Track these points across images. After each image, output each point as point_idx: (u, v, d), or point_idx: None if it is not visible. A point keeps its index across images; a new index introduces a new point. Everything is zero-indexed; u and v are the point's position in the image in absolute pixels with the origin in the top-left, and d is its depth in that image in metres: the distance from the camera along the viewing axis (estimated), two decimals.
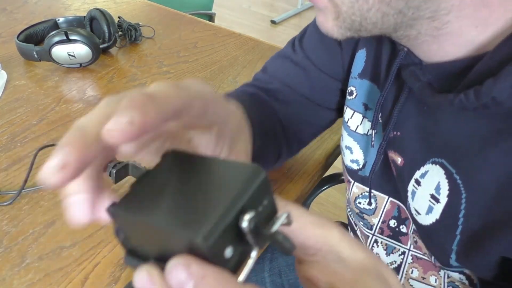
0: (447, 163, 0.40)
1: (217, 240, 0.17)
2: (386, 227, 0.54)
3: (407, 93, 0.44)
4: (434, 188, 0.41)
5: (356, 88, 0.52)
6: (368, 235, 0.57)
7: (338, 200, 1.72)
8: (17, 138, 0.66)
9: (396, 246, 0.54)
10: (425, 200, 0.42)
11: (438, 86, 0.39)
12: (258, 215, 0.19)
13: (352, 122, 0.53)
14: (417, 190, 0.43)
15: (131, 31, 0.92)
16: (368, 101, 0.51)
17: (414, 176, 0.43)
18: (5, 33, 0.94)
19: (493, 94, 0.32)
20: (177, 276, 0.18)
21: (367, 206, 0.55)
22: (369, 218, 0.56)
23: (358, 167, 0.54)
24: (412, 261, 0.53)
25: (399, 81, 0.44)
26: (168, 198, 0.20)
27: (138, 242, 0.21)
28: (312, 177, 0.64)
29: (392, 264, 0.55)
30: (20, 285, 0.46)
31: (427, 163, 0.42)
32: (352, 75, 0.52)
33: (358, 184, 0.55)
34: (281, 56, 0.60)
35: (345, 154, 0.56)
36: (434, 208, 0.41)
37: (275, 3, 3.47)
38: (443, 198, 0.40)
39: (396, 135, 0.46)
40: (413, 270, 0.53)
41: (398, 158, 0.46)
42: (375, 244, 0.57)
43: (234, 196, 0.18)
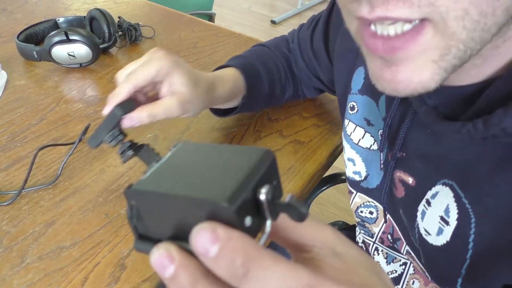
0: (456, 186, 0.38)
1: (240, 205, 0.18)
2: (386, 238, 0.54)
3: (412, 115, 0.42)
4: (444, 210, 0.40)
5: (357, 104, 0.52)
6: (370, 243, 0.57)
7: (338, 200, 1.72)
8: (17, 138, 0.66)
9: (396, 256, 0.54)
10: (435, 222, 0.41)
11: (444, 111, 0.37)
12: (273, 190, 0.20)
13: (355, 135, 0.54)
14: (427, 211, 0.42)
15: (131, 31, 0.92)
16: (369, 116, 0.51)
17: (426, 196, 0.42)
18: (5, 33, 0.94)
19: (503, 125, 0.30)
20: (203, 239, 0.18)
21: (368, 215, 0.55)
22: (370, 227, 0.56)
23: (360, 179, 0.54)
24: (414, 272, 0.52)
25: (405, 102, 0.43)
26: (187, 176, 0.21)
27: (153, 224, 0.22)
28: (312, 177, 0.64)
29: (393, 273, 0.55)
30: (20, 285, 0.46)
31: (438, 184, 0.41)
32: (353, 91, 0.53)
33: (361, 194, 0.55)
34: (309, 31, 0.68)
35: (348, 166, 0.56)
36: (444, 230, 0.40)
37: (275, 3, 3.46)
38: (453, 221, 0.39)
39: (403, 156, 0.45)
40: (414, 281, 0.52)
41: (409, 178, 0.45)
42: (375, 252, 0.57)
43: (251, 171, 0.20)
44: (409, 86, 0.30)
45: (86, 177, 0.59)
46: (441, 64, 0.29)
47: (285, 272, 0.19)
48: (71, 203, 0.56)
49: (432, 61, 0.29)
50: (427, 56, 0.29)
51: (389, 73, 0.30)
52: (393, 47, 0.29)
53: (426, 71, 0.29)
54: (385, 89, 0.32)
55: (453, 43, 0.28)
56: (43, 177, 0.59)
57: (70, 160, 0.62)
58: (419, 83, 0.30)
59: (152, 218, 0.22)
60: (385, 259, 0.56)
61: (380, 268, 0.24)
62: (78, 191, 0.57)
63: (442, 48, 0.28)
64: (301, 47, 0.69)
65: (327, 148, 0.69)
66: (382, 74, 0.31)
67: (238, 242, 0.18)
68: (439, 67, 0.29)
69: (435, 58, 0.29)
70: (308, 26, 0.68)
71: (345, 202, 1.72)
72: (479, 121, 0.32)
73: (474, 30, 0.27)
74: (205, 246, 0.18)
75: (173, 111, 0.49)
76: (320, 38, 0.63)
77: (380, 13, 0.27)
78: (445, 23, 0.27)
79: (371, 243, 0.57)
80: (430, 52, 0.29)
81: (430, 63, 0.29)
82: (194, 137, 0.68)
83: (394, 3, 0.27)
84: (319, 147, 0.69)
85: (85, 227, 0.53)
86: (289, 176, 0.62)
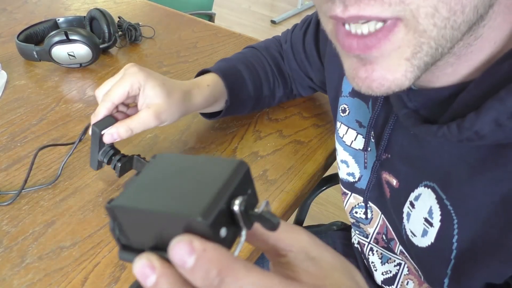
0: (438, 188, 0.39)
1: (214, 218, 0.19)
2: (381, 239, 0.54)
3: (395, 117, 0.43)
4: (427, 212, 0.41)
5: (348, 106, 0.53)
6: (364, 243, 0.57)
7: (338, 200, 1.72)
8: (17, 138, 0.66)
9: (391, 257, 0.55)
10: (420, 223, 0.42)
11: (424, 114, 0.38)
12: (246, 200, 0.21)
13: (347, 137, 0.54)
14: (411, 213, 0.43)
15: (131, 31, 0.92)
16: (360, 118, 0.51)
17: (409, 198, 0.43)
18: (5, 33, 0.94)
19: (475, 128, 0.31)
20: (180, 252, 0.19)
21: (363, 216, 0.55)
22: (365, 227, 0.56)
23: (354, 180, 0.55)
24: (408, 273, 0.53)
25: (389, 103, 0.44)
26: (164, 190, 0.22)
27: (134, 235, 0.23)
28: (312, 177, 0.64)
29: (387, 274, 0.55)
30: (20, 285, 0.46)
31: (420, 186, 0.41)
32: (344, 93, 0.53)
33: (356, 195, 0.55)
34: (301, 32, 0.68)
35: (341, 168, 0.57)
36: (428, 231, 0.41)
37: (275, 3, 3.46)
38: (436, 222, 0.40)
39: (388, 157, 0.46)
40: (409, 282, 0.53)
41: (393, 180, 0.46)
42: (370, 252, 0.57)
43: (225, 184, 0.21)
44: (383, 85, 0.31)
45: (86, 177, 0.59)
46: (414, 61, 0.30)
47: (258, 281, 0.20)
48: (71, 203, 0.56)
49: (405, 59, 0.30)
50: (400, 54, 0.29)
51: (363, 71, 0.31)
52: (367, 45, 0.29)
53: (400, 68, 0.30)
54: (360, 87, 0.32)
55: (424, 40, 0.29)
56: (43, 177, 0.59)
57: (70, 160, 0.62)
58: (393, 82, 0.31)
59: (133, 230, 0.23)
60: (380, 260, 0.56)
61: (355, 271, 0.25)
62: (78, 191, 0.57)
63: (414, 46, 0.29)
64: (294, 48, 0.70)
65: (327, 148, 0.69)
66: (357, 73, 0.32)
67: (213, 254, 0.19)
68: (411, 65, 0.30)
69: (408, 56, 0.29)
70: (301, 27, 0.69)
71: None
72: (453, 124, 0.33)
73: (444, 28, 0.28)
74: (182, 258, 0.19)
75: (149, 123, 0.52)
76: (311, 40, 0.64)
77: (353, 12, 0.28)
78: (416, 21, 0.28)
79: (366, 244, 0.57)
80: (402, 49, 0.29)
81: (403, 61, 0.30)
82: (194, 137, 0.68)
83: (366, 1, 0.27)
84: (319, 147, 0.69)
85: (85, 227, 0.53)
86: (289, 176, 0.62)
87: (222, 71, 0.64)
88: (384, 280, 0.56)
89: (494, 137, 0.31)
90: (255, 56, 0.71)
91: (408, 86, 0.31)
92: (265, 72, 0.70)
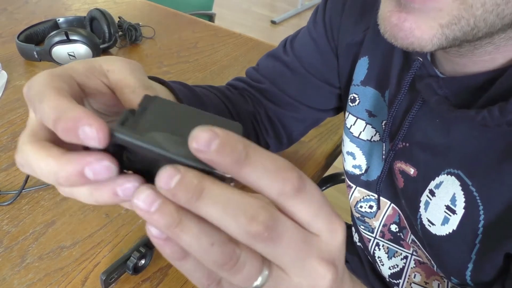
0: (463, 175, 0.39)
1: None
2: (387, 231, 0.54)
3: (419, 105, 0.42)
4: (450, 199, 0.40)
5: (359, 95, 0.52)
6: (370, 238, 0.57)
7: (338, 200, 1.72)
8: (17, 138, 0.66)
9: (397, 250, 0.54)
10: (441, 211, 0.42)
11: (454, 101, 0.38)
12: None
13: (355, 128, 0.53)
14: (431, 201, 0.43)
15: (131, 31, 0.92)
16: (371, 107, 0.51)
17: (429, 187, 0.43)
18: (5, 33, 0.94)
19: None
20: (167, 174, 0.19)
21: (368, 209, 0.55)
22: (370, 221, 0.56)
23: (360, 172, 0.54)
24: (415, 266, 0.52)
25: (411, 92, 0.43)
26: (167, 130, 0.22)
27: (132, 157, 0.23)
28: (312, 177, 0.64)
29: (395, 268, 0.55)
30: (20, 285, 0.46)
31: (442, 174, 0.41)
32: (354, 82, 0.52)
33: (360, 189, 0.55)
34: (272, 56, 0.61)
35: (346, 160, 0.56)
36: (450, 219, 0.41)
37: (275, 3, 3.47)
38: (460, 209, 0.40)
39: (405, 146, 0.45)
40: (416, 275, 0.52)
41: (410, 169, 0.45)
42: (376, 247, 0.57)
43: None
44: (408, 38, 0.30)
45: None
46: (446, 30, 0.29)
47: (242, 193, 0.20)
48: (71, 203, 0.56)
49: (439, 24, 0.29)
50: (437, 17, 0.29)
51: (396, 17, 0.30)
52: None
53: (430, 31, 0.30)
54: (386, 32, 0.32)
55: (466, 15, 0.28)
56: None
57: None
58: (418, 39, 0.30)
59: (132, 155, 0.23)
60: (386, 254, 0.56)
61: None
62: None
63: (453, 16, 0.29)
64: (302, 59, 0.58)
65: (327, 148, 0.69)
66: (390, 16, 0.31)
67: (191, 173, 0.19)
68: (442, 33, 0.30)
69: (443, 23, 0.29)
70: (294, 36, 0.60)
71: (345, 202, 1.71)
72: (495, 108, 0.33)
73: (490, 12, 0.28)
74: (167, 180, 0.19)
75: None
76: (322, 33, 0.57)
77: None
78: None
79: (372, 239, 0.57)
80: (442, 14, 0.29)
81: (437, 25, 0.29)
82: None
83: None
84: (319, 147, 0.69)
85: (85, 227, 0.53)
86: None
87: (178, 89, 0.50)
88: (391, 275, 0.56)
89: None
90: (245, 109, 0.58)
91: (429, 51, 0.31)
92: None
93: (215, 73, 0.87)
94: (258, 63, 0.63)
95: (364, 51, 0.50)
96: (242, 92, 0.60)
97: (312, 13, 0.59)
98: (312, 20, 0.58)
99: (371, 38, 0.49)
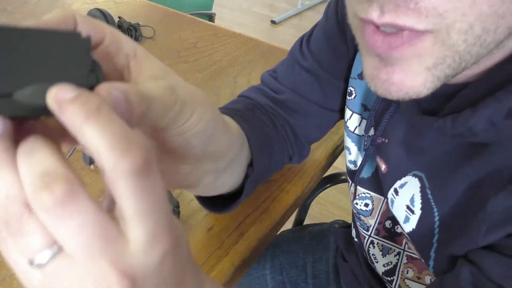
0: (425, 178, 0.40)
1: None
2: (382, 228, 0.54)
3: (396, 104, 0.43)
4: (409, 200, 0.41)
5: (355, 89, 0.52)
6: (365, 236, 0.57)
7: (338, 200, 1.72)
8: None
9: (391, 247, 0.55)
10: (402, 210, 0.43)
11: (426, 105, 0.38)
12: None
13: (351, 123, 0.53)
14: (395, 200, 0.44)
15: (131, 31, 0.92)
16: (366, 101, 0.51)
17: (394, 186, 0.44)
18: None
19: (470, 124, 0.32)
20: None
21: (363, 207, 0.55)
22: (365, 219, 0.56)
23: (355, 168, 0.54)
24: (407, 262, 0.53)
25: None
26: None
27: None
28: (312, 177, 0.64)
29: (388, 265, 0.55)
30: (20, 285, 0.46)
31: (408, 175, 0.42)
32: (352, 75, 0.52)
33: (357, 186, 0.55)
34: (291, 62, 0.58)
35: (346, 155, 0.56)
36: (410, 218, 0.42)
37: (275, 3, 3.47)
38: (417, 210, 0.41)
39: (384, 142, 0.46)
40: (408, 270, 0.53)
41: (382, 165, 0.46)
42: (371, 245, 0.57)
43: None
44: (401, 89, 0.30)
45: (86, 177, 0.59)
46: (434, 72, 0.29)
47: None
48: None
49: (425, 67, 0.29)
50: (421, 62, 0.29)
51: (384, 73, 0.30)
52: (390, 45, 0.29)
53: (420, 76, 0.29)
54: (377, 89, 0.32)
55: (449, 54, 0.28)
56: None
57: (70, 160, 0.62)
58: (412, 88, 0.30)
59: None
60: (380, 252, 0.56)
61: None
62: None
63: (436, 57, 0.28)
64: (319, 60, 0.56)
65: (327, 148, 0.69)
66: (378, 74, 0.31)
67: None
68: (432, 75, 0.29)
69: (429, 65, 0.29)
70: (310, 35, 0.57)
71: (345, 202, 1.72)
72: (449, 118, 0.33)
73: (473, 45, 0.27)
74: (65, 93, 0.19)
75: (165, 100, 0.28)
76: (334, 27, 0.55)
77: (388, 19, 0.27)
78: (448, 35, 0.27)
79: (367, 237, 0.57)
80: (424, 58, 0.29)
81: (423, 69, 0.29)
82: None
83: (404, 10, 0.26)
84: (319, 147, 0.69)
85: None
86: (289, 176, 0.62)
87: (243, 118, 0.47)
88: (385, 272, 0.56)
89: (485, 136, 0.32)
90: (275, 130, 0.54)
91: (426, 95, 0.30)
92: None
93: (215, 73, 0.87)
94: (275, 70, 0.60)
95: None
96: (269, 113, 0.56)
97: (325, 9, 0.57)
98: (324, 17, 0.56)
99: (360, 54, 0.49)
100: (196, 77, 0.84)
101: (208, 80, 0.84)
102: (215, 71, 0.87)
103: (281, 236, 0.80)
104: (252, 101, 0.56)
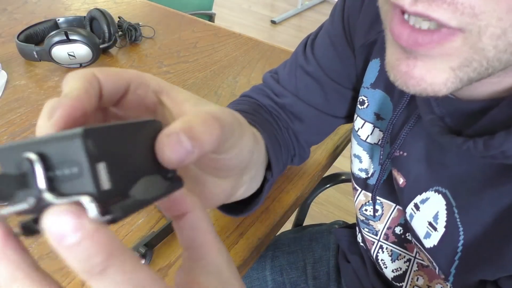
0: (449, 195, 0.39)
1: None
2: (391, 234, 0.54)
3: (416, 117, 0.42)
4: (433, 216, 0.41)
5: (368, 98, 0.51)
6: (373, 241, 0.57)
7: (338, 200, 1.72)
8: (17, 138, 0.66)
9: (401, 253, 0.54)
10: (423, 226, 0.42)
11: (449, 122, 0.37)
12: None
13: (363, 131, 0.52)
14: (415, 215, 0.43)
15: (131, 31, 0.92)
16: (380, 111, 0.50)
17: (414, 200, 0.43)
18: (5, 33, 0.94)
19: (503, 148, 0.31)
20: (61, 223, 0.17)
21: (372, 213, 0.55)
22: (374, 224, 0.56)
23: (366, 176, 0.54)
24: (418, 269, 0.52)
25: (413, 101, 0.43)
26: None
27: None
28: (312, 177, 0.64)
29: (398, 271, 0.55)
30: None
31: (430, 190, 0.41)
32: (364, 84, 0.51)
33: (366, 192, 0.55)
34: (294, 65, 0.58)
35: (354, 162, 0.55)
36: (432, 234, 0.41)
37: (275, 3, 3.47)
38: (441, 228, 0.40)
39: (402, 155, 0.45)
40: (419, 278, 0.52)
41: (400, 179, 0.45)
42: (380, 250, 0.57)
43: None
44: (420, 84, 0.29)
45: None
46: (458, 73, 0.28)
47: (143, 281, 0.18)
48: None
49: (450, 67, 0.28)
50: (446, 61, 0.28)
51: (405, 65, 0.29)
52: (416, 41, 0.27)
53: (442, 75, 0.28)
54: (396, 80, 0.31)
55: (477, 58, 0.27)
56: None
57: None
58: (431, 85, 0.29)
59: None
60: (389, 257, 0.56)
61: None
62: None
63: (464, 59, 0.27)
64: (323, 64, 0.55)
65: (327, 148, 0.69)
66: (398, 65, 0.30)
67: (103, 236, 0.17)
68: (455, 75, 0.28)
69: (454, 66, 0.28)
70: (314, 39, 0.57)
71: (345, 202, 1.72)
72: (480, 140, 0.32)
73: (504, 52, 0.26)
74: (62, 232, 0.16)
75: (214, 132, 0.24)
76: (340, 33, 0.55)
77: (421, 9, 0.26)
78: (479, 38, 0.26)
79: (375, 241, 0.57)
80: (451, 58, 0.27)
81: (448, 68, 0.28)
82: None
83: (439, 3, 0.25)
84: (319, 147, 0.69)
85: None
86: (289, 176, 0.62)
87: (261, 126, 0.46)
88: (394, 277, 0.56)
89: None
90: (280, 131, 0.55)
91: (444, 95, 0.29)
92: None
93: (215, 73, 0.87)
94: (277, 71, 0.60)
95: (376, 53, 0.49)
96: (273, 115, 0.56)
97: (331, 13, 0.56)
98: (330, 21, 0.55)
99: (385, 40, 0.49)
100: (196, 77, 0.84)
101: (208, 80, 0.84)
102: (215, 71, 0.87)
103: (281, 237, 0.80)
104: (256, 101, 0.56)
